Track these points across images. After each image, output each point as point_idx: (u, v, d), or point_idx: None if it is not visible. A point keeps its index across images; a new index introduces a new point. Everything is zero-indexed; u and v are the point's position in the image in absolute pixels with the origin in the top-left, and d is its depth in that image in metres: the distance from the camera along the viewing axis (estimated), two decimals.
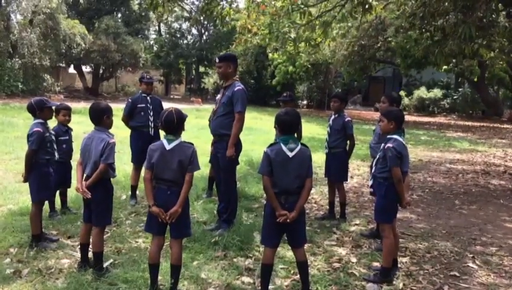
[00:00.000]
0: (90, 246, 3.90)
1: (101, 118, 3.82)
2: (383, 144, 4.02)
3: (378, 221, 4.04)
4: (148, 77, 6.23)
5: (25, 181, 4.38)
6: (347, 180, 6.12)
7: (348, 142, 5.63)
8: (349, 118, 5.61)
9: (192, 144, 3.51)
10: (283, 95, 6.27)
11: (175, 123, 3.40)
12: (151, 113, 6.01)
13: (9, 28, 23.44)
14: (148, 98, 6.07)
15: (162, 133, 3.48)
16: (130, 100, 6.12)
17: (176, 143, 3.42)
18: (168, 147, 3.41)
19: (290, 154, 3.32)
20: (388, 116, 3.99)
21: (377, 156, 4.08)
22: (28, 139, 4.31)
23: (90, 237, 3.87)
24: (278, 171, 3.33)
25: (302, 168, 3.37)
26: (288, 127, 3.39)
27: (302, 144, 3.43)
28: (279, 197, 3.35)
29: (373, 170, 4.17)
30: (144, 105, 6.01)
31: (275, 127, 3.59)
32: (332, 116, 5.67)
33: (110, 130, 3.90)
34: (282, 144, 3.35)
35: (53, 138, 4.55)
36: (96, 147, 3.71)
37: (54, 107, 4.66)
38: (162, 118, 3.43)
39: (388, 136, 3.99)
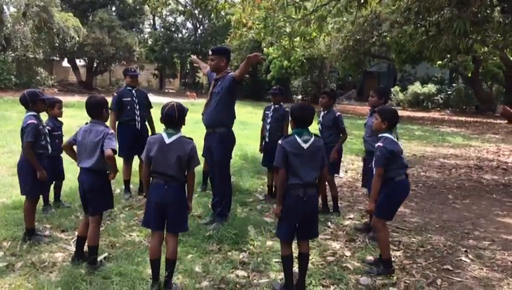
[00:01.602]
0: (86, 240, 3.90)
1: (100, 111, 3.81)
2: (376, 144, 4.04)
3: (378, 217, 4.03)
4: (133, 69, 6.26)
5: (42, 176, 4.20)
6: (338, 174, 6.15)
7: (341, 135, 5.68)
8: (339, 113, 5.65)
9: (192, 139, 3.51)
10: (273, 88, 6.38)
11: (176, 117, 3.39)
12: (138, 107, 5.99)
13: (2, 20, 23.21)
14: (133, 91, 6.04)
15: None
16: (115, 94, 6.06)
17: (176, 137, 3.41)
18: (167, 141, 3.39)
19: (305, 146, 3.39)
20: (383, 116, 4.01)
21: (374, 157, 4.10)
22: (22, 133, 4.26)
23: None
24: (295, 163, 3.37)
25: (317, 159, 3.46)
26: (302, 121, 3.46)
27: (315, 135, 3.50)
28: (298, 190, 3.38)
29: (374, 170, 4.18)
30: (129, 99, 5.97)
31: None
32: (322, 113, 5.70)
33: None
34: (296, 136, 3.41)
35: (46, 131, 4.52)
36: (94, 139, 3.69)
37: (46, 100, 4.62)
38: (162, 111, 3.41)
39: (379, 135, 4.02)
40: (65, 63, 33.85)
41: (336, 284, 3.78)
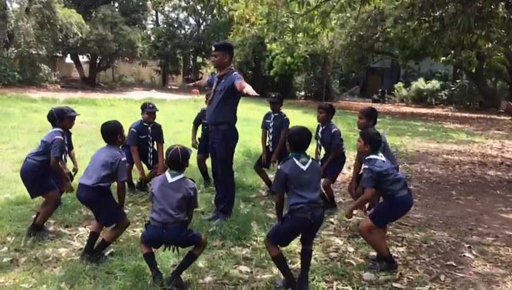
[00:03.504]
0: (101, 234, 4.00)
1: (114, 137, 3.93)
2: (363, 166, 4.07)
3: (373, 221, 4.00)
4: (151, 106, 6.02)
5: (68, 187, 4.47)
6: (334, 182, 6.05)
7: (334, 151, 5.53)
8: (336, 129, 5.55)
9: (194, 181, 3.59)
10: (271, 97, 6.24)
11: (180, 161, 3.48)
12: (151, 145, 6.01)
13: (5, 17, 23.21)
14: (149, 128, 5.95)
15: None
16: (134, 130, 5.87)
17: (178, 178, 3.47)
18: (170, 180, 3.45)
19: (304, 167, 3.46)
20: (365, 138, 4.04)
21: (364, 176, 4.11)
22: (44, 144, 4.30)
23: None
24: (298, 184, 3.43)
25: (317, 180, 3.57)
26: (300, 146, 3.54)
27: (312, 158, 3.59)
28: (306, 213, 3.40)
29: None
30: (145, 136, 5.93)
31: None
32: (320, 129, 5.64)
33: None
34: (294, 159, 3.49)
35: (66, 148, 4.58)
36: (106, 158, 3.83)
37: None
38: (167, 155, 3.51)
39: (366, 158, 4.01)
40: (68, 59, 33.82)
41: (339, 280, 3.78)
